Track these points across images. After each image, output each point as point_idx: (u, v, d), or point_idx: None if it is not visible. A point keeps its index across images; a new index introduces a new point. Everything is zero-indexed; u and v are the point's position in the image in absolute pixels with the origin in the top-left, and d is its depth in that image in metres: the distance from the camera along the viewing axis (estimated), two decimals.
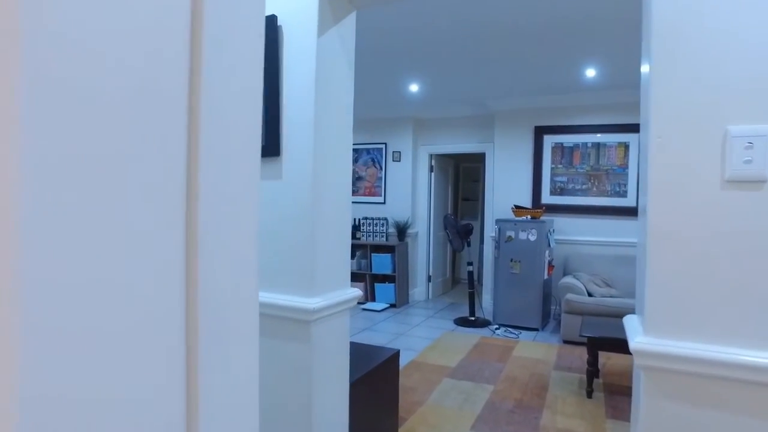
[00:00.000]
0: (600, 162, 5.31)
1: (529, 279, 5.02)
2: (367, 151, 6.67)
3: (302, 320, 1.54)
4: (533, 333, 4.92)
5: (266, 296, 1.60)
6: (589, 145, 5.36)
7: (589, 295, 4.53)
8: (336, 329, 1.66)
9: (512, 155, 5.73)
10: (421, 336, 4.82)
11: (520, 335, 4.84)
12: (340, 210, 1.68)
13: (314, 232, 1.54)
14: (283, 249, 1.59)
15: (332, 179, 1.63)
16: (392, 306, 6.14)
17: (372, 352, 2.25)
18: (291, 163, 1.57)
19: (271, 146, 1.57)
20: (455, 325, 5.26)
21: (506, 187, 5.77)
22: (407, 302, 6.40)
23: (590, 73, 4.32)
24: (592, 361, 3.00)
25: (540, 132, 5.58)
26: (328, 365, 1.62)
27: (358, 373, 1.92)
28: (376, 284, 6.23)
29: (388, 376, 2.16)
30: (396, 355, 2.25)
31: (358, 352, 2.21)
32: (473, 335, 4.82)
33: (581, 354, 4.10)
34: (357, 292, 1.75)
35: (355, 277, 6.35)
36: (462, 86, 5.08)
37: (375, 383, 2.03)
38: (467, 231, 5.48)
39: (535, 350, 4.28)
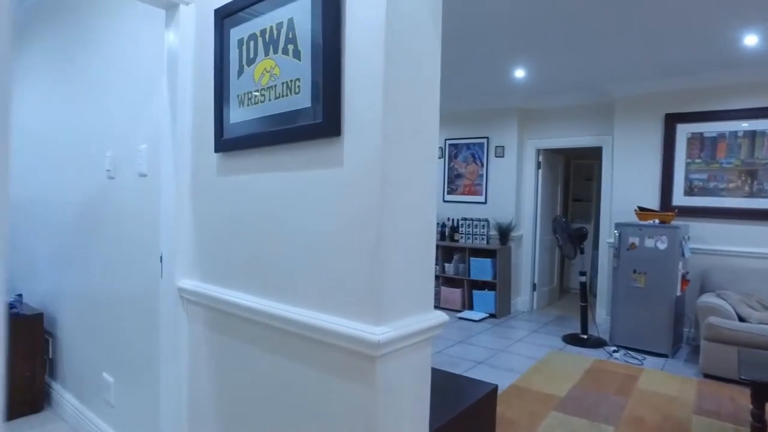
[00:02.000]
0: (756, 155, 4.33)
1: (656, 294, 4.22)
2: (467, 146, 6.18)
3: (364, 354, 1.16)
4: (661, 360, 4.12)
5: (315, 317, 1.25)
6: (740, 134, 4.39)
7: (740, 319, 3.66)
8: (411, 367, 1.26)
9: (636, 149, 4.92)
10: (524, 354, 4.25)
11: (644, 361, 4.07)
12: (420, 209, 1.28)
13: (382, 236, 1.16)
14: (340, 258, 1.23)
15: (409, 167, 1.23)
16: (492, 316, 5.60)
17: (462, 386, 1.82)
18: (355, 146, 1.19)
19: (328, 123, 1.21)
20: (564, 343, 4.60)
21: (628, 185, 4.96)
22: (508, 313, 5.81)
23: (750, 41, 3.45)
24: (759, 415, 2.28)
25: (672, 120, 4.71)
26: (399, 414, 1.23)
27: (442, 418, 1.51)
28: (474, 291, 5.73)
29: (481, 419, 1.72)
30: (493, 392, 1.80)
31: (444, 385, 1.79)
32: (586, 357, 4.15)
33: (732, 395, 3.28)
34: (442, 317, 1.34)
35: (452, 283, 5.90)
36: (576, 69, 4.41)
37: (464, 430, 1.60)
38: (581, 236, 4.78)
39: (667, 383, 3.53)
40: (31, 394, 2.73)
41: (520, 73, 4.64)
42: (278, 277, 1.39)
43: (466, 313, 5.60)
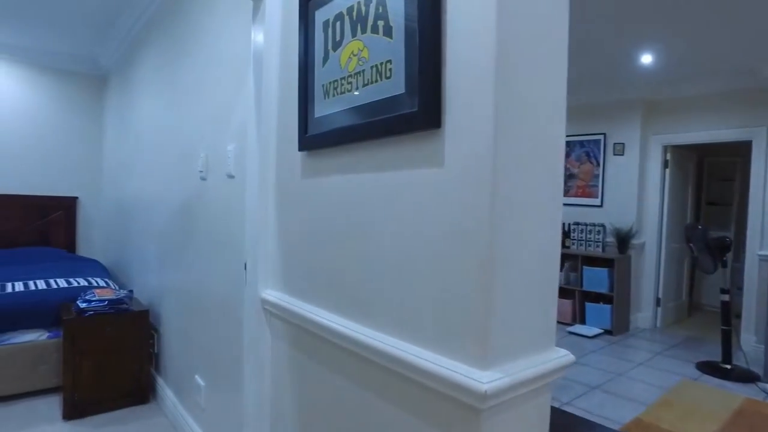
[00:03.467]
0: None
1: None
2: (581, 143, 5.61)
3: (466, 404, 0.91)
4: None
5: (405, 349, 1.02)
6: None
7: None
8: (525, 421, 0.99)
9: None
10: (649, 381, 3.68)
11: None
12: (542, 218, 1.00)
13: (492, 254, 0.90)
14: (439, 279, 0.99)
15: (528, 167, 0.96)
16: (607, 332, 5.00)
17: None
18: (459, 140, 0.95)
19: (425, 112, 0.98)
20: (699, 372, 3.93)
21: None
22: (626, 330, 5.16)
23: None
24: None
25: None
26: None
27: None
28: (587, 303, 5.17)
29: None
30: None
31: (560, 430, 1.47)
32: (731, 393, 3.48)
33: None
34: (566, 357, 1.05)
35: (562, 293, 5.37)
36: (719, 49, 3.73)
37: None
38: (722, 247, 4.06)
39: None
40: (139, 386, 2.84)
41: (646, 59, 4.05)
42: (365, 297, 1.19)
43: (577, 328, 5.07)
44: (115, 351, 2.74)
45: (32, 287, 3.14)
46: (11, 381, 2.86)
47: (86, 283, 3.27)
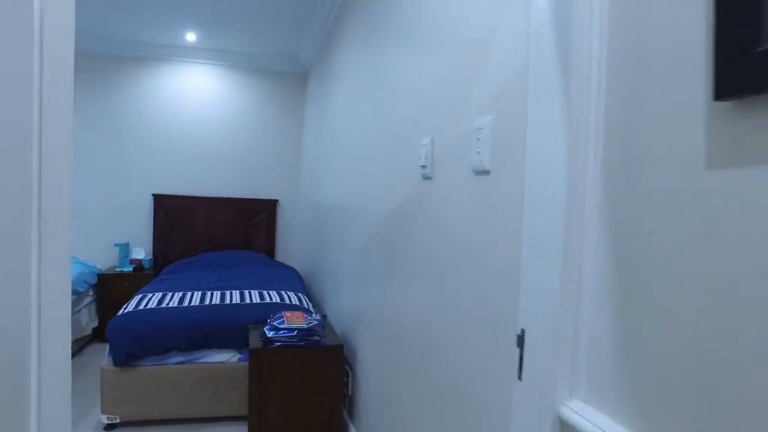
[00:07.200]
0: None
1: None
2: None
3: None
4: None
5: None
6: None
7: None
8: None
9: None
10: None
11: None
12: None
13: None
14: None
15: None
16: None
17: None
18: None
19: None
20: None
21: None
22: None
23: None
24: None
25: None
26: None
27: None
28: None
29: None
30: None
31: None
32: None
33: None
34: None
35: None
36: None
37: None
38: None
39: None
40: None
41: None
42: None
43: None
44: (304, 390, 2.25)
45: (227, 300, 2.89)
46: (203, 403, 2.60)
47: (278, 299, 2.92)
